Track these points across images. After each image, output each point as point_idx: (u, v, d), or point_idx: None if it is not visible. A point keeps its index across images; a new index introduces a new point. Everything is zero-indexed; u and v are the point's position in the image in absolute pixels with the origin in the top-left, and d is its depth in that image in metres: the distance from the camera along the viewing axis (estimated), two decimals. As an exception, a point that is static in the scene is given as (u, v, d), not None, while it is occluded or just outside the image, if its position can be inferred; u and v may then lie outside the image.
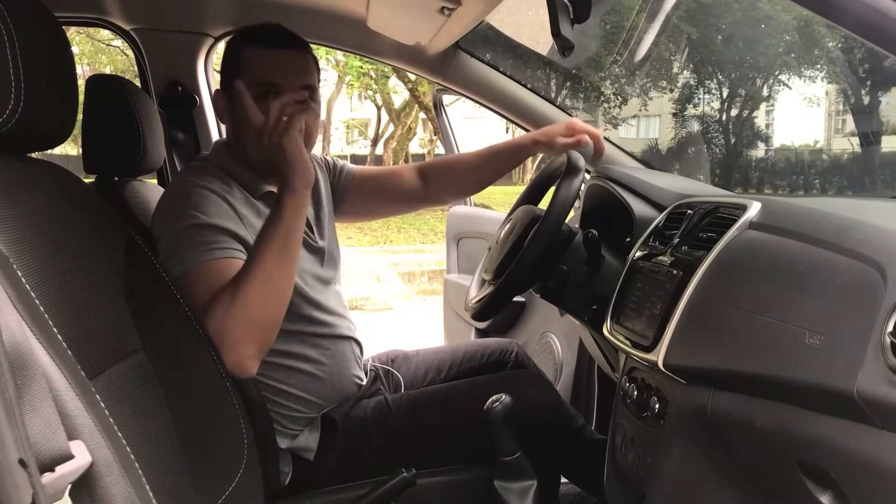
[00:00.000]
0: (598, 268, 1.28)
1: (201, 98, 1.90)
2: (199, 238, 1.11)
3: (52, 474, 0.53)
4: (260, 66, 1.21)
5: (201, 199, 1.15)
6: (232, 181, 1.23)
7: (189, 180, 1.18)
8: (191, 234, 1.11)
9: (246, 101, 1.16)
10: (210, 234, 1.12)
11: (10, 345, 0.52)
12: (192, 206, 1.13)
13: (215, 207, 1.15)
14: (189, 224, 1.12)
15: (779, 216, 0.91)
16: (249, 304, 1.04)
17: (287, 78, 1.21)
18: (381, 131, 17.49)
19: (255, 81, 1.19)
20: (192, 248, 1.10)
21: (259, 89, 1.19)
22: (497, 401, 1.16)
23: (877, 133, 6.44)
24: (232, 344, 1.04)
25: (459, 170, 1.59)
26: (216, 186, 1.18)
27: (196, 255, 1.09)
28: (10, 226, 0.73)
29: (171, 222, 1.13)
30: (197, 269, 1.09)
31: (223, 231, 1.13)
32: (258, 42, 1.22)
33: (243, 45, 1.23)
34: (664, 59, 9.77)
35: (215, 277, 1.08)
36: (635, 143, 12.87)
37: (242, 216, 1.19)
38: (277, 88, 1.19)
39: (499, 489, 1.18)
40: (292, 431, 1.25)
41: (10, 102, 0.77)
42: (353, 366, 1.34)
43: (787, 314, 0.77)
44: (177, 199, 1.17)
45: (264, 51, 1.21)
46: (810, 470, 0.73)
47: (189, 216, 1.12)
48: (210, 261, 1.10)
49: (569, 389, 1.84)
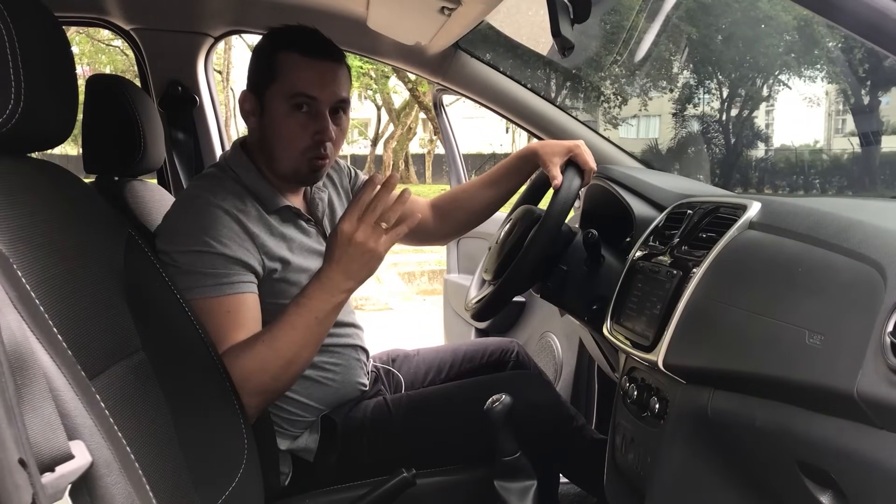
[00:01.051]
0: (598, 268, 1.28)
1: (201, 98, 1.90)
2: (211, 269, 1.09)
3: (52, 474, 0.53)
4: (297, 76, 1.16)
5: (214, 223, 1.11)
6: (247, 196, 1.19)
7: (203, 197, 1.14)
8: (202, 261, 1.09)
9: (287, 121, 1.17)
10: (222, 265, 1.10)
11: (10, 345, 0.52)
12: (204, 231, 1.10)
13: (227, 231, 1.12)
14: (200, 250, 1.09)
15: (779, 216, 0.91)
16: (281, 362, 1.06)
17: (324, 91, 1.17)
18: (381, 131, 17.49)
19: (292, 91, 1.16)
20: (203, 278, 1.08)
21: (295, 100, 1.16)
22: (497, 401, 1.16)
23: (877, 133, 6.44)
24: (251, 397, 1.05)
25: (472, 199, 1.53)
26: (230, 205, 1.14)
27: (207, 287, 1.08)
28: (10, 226, 0.73)
29: (182, 243, 1.10)
30: (208, 303, 1.08)
31: (235, 262, 1.11)
32: (295, 49, 1.17)
33: (278, 49, 1.18)
34: (664, 59, 9.77)
35: (226, 316, 1.08)
36: (635, 143, 12.86)
37: (254, 236, 1.15)
38: (313, 101, 1.17)
39: (499, 489, 1.18)
40: (293, 433, 1.25)
41: (10, 102, 0.77)
42: (358, 373, 1.34)
43: (786, 314, 0.77)
44: (189, 216, 1.13)
45: (302, 59, 1.17)
46: (810, 470, 0.73)
47: (201, 242, 1.09)
48: (221, 297, 1.08)
49: (569, 389, 1.84)
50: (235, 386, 1.04)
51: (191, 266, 1.09)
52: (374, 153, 17.92)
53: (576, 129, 1.80)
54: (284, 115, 1.17)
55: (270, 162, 1.22)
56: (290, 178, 1.24)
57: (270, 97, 1.18)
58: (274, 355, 1.05)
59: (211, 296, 1.08)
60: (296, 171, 1.21)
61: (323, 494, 1.24)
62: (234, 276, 1.11)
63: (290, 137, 1.18)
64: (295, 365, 1.08)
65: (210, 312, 1.08)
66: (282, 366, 1.06)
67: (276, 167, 1.22)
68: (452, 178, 2.58)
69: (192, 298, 1.07)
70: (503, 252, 1.35)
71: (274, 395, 1.11)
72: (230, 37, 1.98)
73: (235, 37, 1.85)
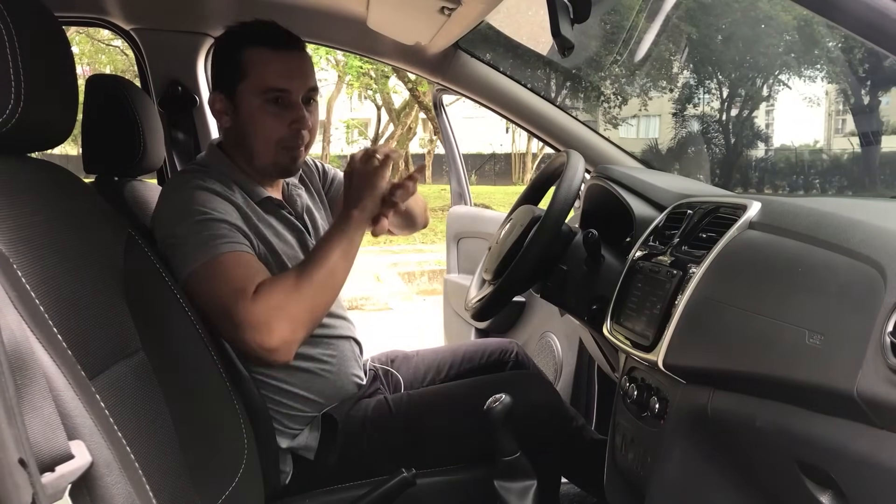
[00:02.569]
0: (598, 268, 1.28)
1: (201, 98, 1.90)
2: (211, 231, 1.10)
3: (52, 474, 0.53)
4: (267, 71, 1.18)
5: (206, 198, 1.14)
6: (233, 184, 1.22)
7: (191, 181, 1.17)
8: (201, 227, 1.10)
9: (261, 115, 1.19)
10: (222, 227, 1.12)
11: (10, 345, 0.52)
12: (199, 203, 1.13)
13: (220, 205, 1.15)
14: (199, 219, 1.11)
15: (779, 216, 0.91)
16: (313, 290, 1.07)
17: (294, 81, 1.20)
18: (381, 131, 17.48)
19: (264, 87, 1.18)
20: (205, 242, 1.09)
21: (268, 95, 1.18)
22: (497, 401, 1.16)
23: (877, 133, 6.44)
24: (285, 324, 1.03)
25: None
26: (218, 188, 1.18)
27: (212, 248, 1.09)
28: (10, 226, 0.73)
29: (179, 219, 1.12)
30: (222, 261, 1.08)
31: (232, 225, 1.13)
32: (261, 43, 1.19)
33: (243, 45, 1.20)
34: (664, 59, 9.77)
35: (235, 270, 1.08)
36: (635, 143, 12.87)
37: (246, 217, 1.19)
38: (286, 93, 1.19)
39: (499, 489, 1.18)
40: (292, 431, 1.25)
41: (10, 102, 0.77)
42: (353, 365, 1.34)
43: (786, 314, 0.77)
44: (181, 197, 1.15)
45: (269, 53, 1.19)
46: (810, 470, 0.73)
47: (198, 212, 1.11)
48: (227, 253, 1.09)
49: (569, 389, 1.84)
50: (263, 322, 1.02)
51: (196, 234, 1.09)
52: (374, 153, 17.88)
53: (576, 129, 1.80)
54: (259, 109, 1.19)
55: (250, 158, 1.24)
56: (270, 171, 1.26)
57: (242, 94, 1.20)
58: (309, 283, 1.07)
59: (218, 253, 1.08)
60: (276, 162, 1.24)
61: (323, 494, 1.24)
62: (235, 237, 1.12)
63: (267, 131, 1.20)
64: (323, 296, 1.09)
65: (220, 270, 1.07)
66: (312, 295, 1.07)
67: (255, 162, 1.24)
68: (452, 178, 2.58)
69: (199, 264, 1.07)
70: (503, 252, 1.35)
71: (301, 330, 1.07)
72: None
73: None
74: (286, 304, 1.04)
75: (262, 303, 1.03)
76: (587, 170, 1.63)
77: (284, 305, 1.04)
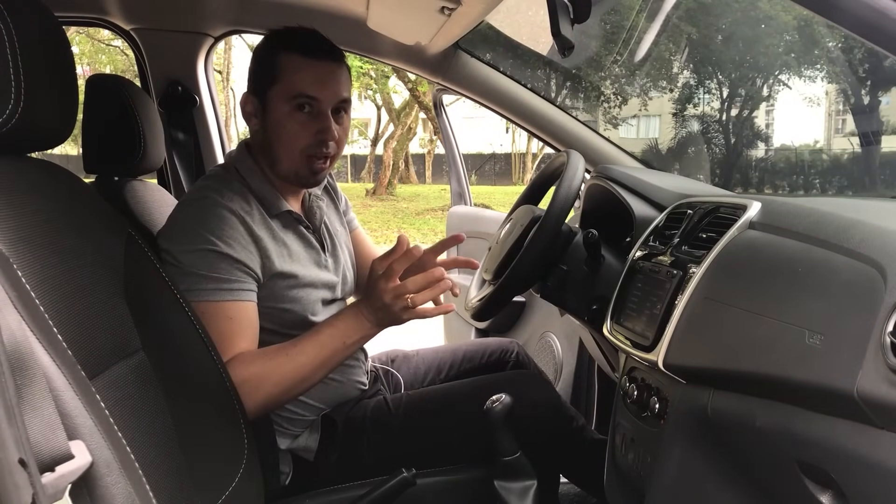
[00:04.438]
0: (598, 268, 1.28)
1: (201, 98, 1.90)
2: (214, 272, 1.10)
3: (52, 474, 0.53)
4: (299, 78, 1.17)
5: (220, 223, 1.12)
6: (252, 198, 1.20)
7: (210, 197, 1.15)
8: (206, 262, 1.10)
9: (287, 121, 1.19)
10: (225, 268, 1.11)
11: (10, 345, 0.52)
12: (210, 231, 1.11)
13: (232, 232, 1.13)
14: (205, 249, 1.10)
15: (779, 216, 0.91)
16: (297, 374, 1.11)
17: (325, 91, 1.18)
18: (381, 131, 17.49)
19: (293, 92, 1.17)
20: (205, 281, 1.09)
21: (297, 101, 1.17)
22: (497, 401, 1.16)
23: (877, 133, 6.44)
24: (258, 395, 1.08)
25: None
26: (236, 206, 1.15)
27: (209, 291, 1.09)
28: (10, 226, 0.73)
29: (187, 242, 1.11)
30: (210, 307, 1.09)
31: (238, 265, 1.12)
32: (296, 50, 1.18)
33: (279, 50, 1.19)
34: (664, 59, 9.77)
35: (228, 322, 1.10)
36: (635, 143, 12.88)
37: (258, 240, 1.16)
38: (315, 101, 1.18)
39: (499, 489, 1.18)
40: (293, 432, 1.25)
41: (10, 102, 0.77)
42: (357, 372, 1.34)
43: (786, 314, 0.77)
44: (195, 215, 1.14)
45: (303, 60, 1.18)
46: (810, 470, 0.73)
47: (206, 241, 1.10)
48: (223, 302, 1.10)
49: (569, 389, 1.84)
50: (239, 392, 1.05)
51: (193, 267, 1.09)
52: (374, 153, 17.93)
53: (576, 129, 1.80)
54: (286, 115, 1.18)
55: (272, 163, 1.22)
56: (290, 179, 1.24)
57: (272, 98, 1.19)
58: (294, 369, 1.11)
59: (213, 300, 1.09)
60: (297, 171, 1.22)
61: (323, 494, 1.24)
62: (236, 281, 1.12)
63: (291, 137, 1.18)
64: (308, 382, 1.13)
65: (211, 316, 1.08)
66: (298, 380, 1.11)
67: (277, 168, 1.22)
68: (452, 178, 2.58)
69: (194, 301, 1.07)
70: (503, 252, 1.35)
71: (276, 406, 1.14)
72: (230, 37, 1.98)
73: (235, 37, 1.84)
74: (261, 387, 1.08)
75: (242, 370, 1.07)
76: (587, 170, 1.63)
77: (258, 388, 1.08)
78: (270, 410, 1.14)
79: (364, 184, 17.70)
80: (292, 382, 1.11)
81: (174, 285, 1.05)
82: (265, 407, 1.10)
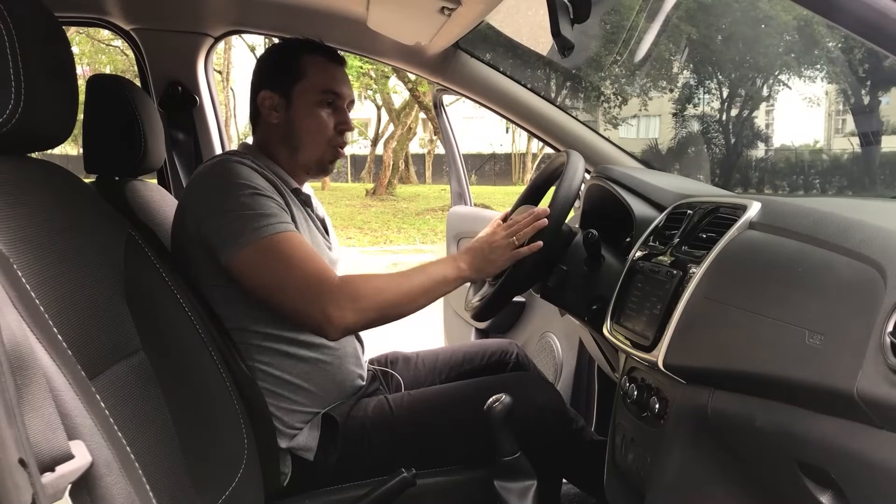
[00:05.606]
0: (598, 268, 1.28)
1: (201, 98, 1.90)
2: (265, 209, 1.15)
3: (53, 474, 0.53)
4: (327, 76, 1.33)
5: (251, 174, 1.20)
6: (267, 170, 1.28)
7: (230, 160, 1.22)
8: (254, 202, 1.15)
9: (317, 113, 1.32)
10: (273, 206, 1.17)
11: (10, 345, 0.52)
12: (245, 178, 1.18)
13: (263, 183, 1.20)
14: (250, 192, 1.16)
15: (779, 216, 0.91)
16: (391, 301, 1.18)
17: (346, 89, 1.36)
18: (381, 131, 17.49)
19: (321, 88, 1.32)
20: (257, 220, 1.14)
21: (323, 96, 1.32)
22: (497, 401, 1.16)
23: (877, 133, 6.44)
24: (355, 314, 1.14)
25: None
26: (257, 167, 1.24)
27: (271, 225, 1.14)
28: (10, 226, 0.73)
29: (227, 193, 1.16)
30: (280, 239, 1.14)
31: (279, 204, 1.19)
32: (318, 53, 1.34)
33: (302, 52, 1.33)
34: (664, 59, 9.78)
35: (303, 248, 1.15)
36: (635, 143, 12.89)
37: (283, 197, 1.24)
38: (337, 97, 1.34)
39: (499, 489, 1.18)
40: (292, 430, 1.25)
41: (10, 102, 0.77)
42: (352, 361, 1.35)
43: (787, 314, 0.77)
44: (223, 173, 1.20)
45: (326, 62, 1.34)
46: (810, 470, 0.73)
47: (246, 186, 1.17)
48: (287, 233, 1.15)
49: (569, 389, 1.83)
50: (341, 301, 1.12)
51: (251, 209, 1.14)
52: (374, 153, 17.93)
53: (576, 129, 1.80)
54: (315, 106, 1.32)
55: (295, 151, 1.33)
56: (311, 166, 1.35)
57: (299, 93, 1.32)
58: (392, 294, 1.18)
59: (284, 231, 1.15)
60: (320, 158, 1.35)
61: (323, 494, 1.24)
62: (288, 219, 1.19)
63: (318, 128, 1.32)
64: (394, 311, 1.19)
65: (293, 247, 1.14)
66: (388, 304, 1.17)
67: (300, 156, 1.33)
68: (452, 178, 2.58)
69: (269, 235, 1.13)
70: (503, 252, 1.35)
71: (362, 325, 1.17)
72: (230, 37, 1.97)
73: (235, 37, 1.85)
74: (365, 297, 1.15)
75: (347, 287, 1.14)
76: (587, 170, 1.63)
77: (362, 297, 1.15)
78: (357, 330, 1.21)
79: (364, 184, 17.71)
80: (399, 297, 1.18)
81: (174, 285, 1.05)
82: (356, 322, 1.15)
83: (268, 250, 1.13)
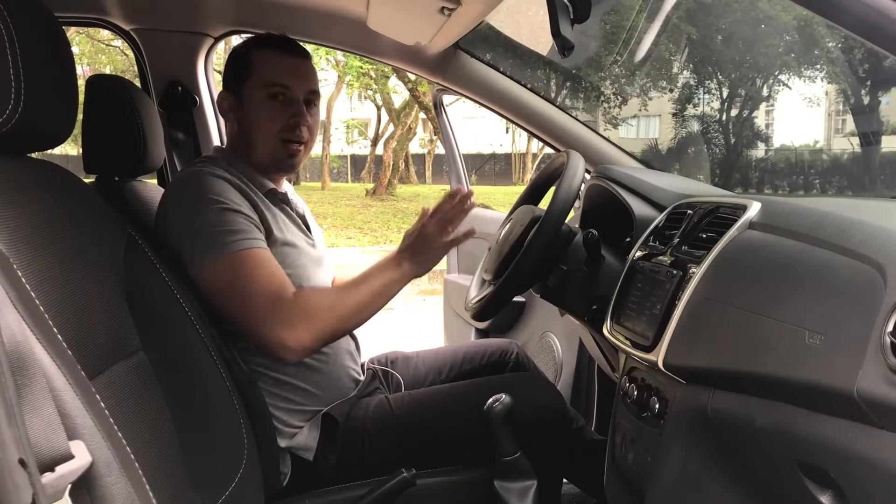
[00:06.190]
0: (598, 268, 1.28)
1: (201, 98, 1.90)
2: (231, 226, 1.14)
3: (52, 474, 0.53)
4: (271, 69, 1.28)
5: (221, 187, 1.19)
6: (240, 176, 1.26)
7: (202, 172, 1.21)
8: (221, 219, 1.14)
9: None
10: (240, 221, 1.16)
11: (10, 345, 0.52)
12: (215, 192, 1.17)
13: (233, 195, 1.19)
14: (217, 208, 1.15)
15: (779, 216, 0.91)
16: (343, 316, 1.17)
17: (295, 80, 1.29)
18: (381, 131, 17.49)
19: (266, 82, 1.27)
20: (227, 235, 1.13)
21: (270, 90, 1.27)
22: (497, 401, 1.16)
23: (877, 133, 6.44)
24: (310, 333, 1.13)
25: None
26: (228, 177, 1.22)
27: (234, 242, 1.13)
28: (10, 226, 0.73)
29: (198, 208, 1.15)
30: (239, 257, 1.13)
31: (248, 218, 1.18)
32: (267, 46, 1.29)
33: (252, 48, 1.30)
34: (664, 59, 9.78)
35: (261, 269, 1.14)
36: (635, 143, 12.89)
37: (255, 204, 1.23)
38: (287, 90, 1.28)
39: (499, 489, 1.18)
40: (292, 430, 1.25)
41: (10, 102, 0.77)
42: (348, 358, 1.35)
43: (787, 314, 0.77)
44: (195, 187, 1.19)
45: (274, 54, 1.29)
46: (810, 470, 0.73)
47: (215, 201, 1.16)
48: (249, 250, 1.14)
49: (569, 389, 1.83)
50: (292, 323, 1.11)
51: (217, 226, 1.14)
52: (374, 153, 17.93)
53: (576, 129, 1.80)
54: (261, 102, 1.28)
55: (250, 152, 1.30)
56: (267, 164, 1.31)
57: (247, 91, 1.29)
58: (342, 308, 1.17)
59: (246, 248, 1.14)
60: (273, 154, 1.30)
61: (323, 494, 1.24)
62: (257, 234, 1.18)
63: (267, 122, 1.28)
64: (348, 324, 1.19)
65: (251, 265, 1.13)
66: (341, 319, 1.17)
67: (255, 155, 1.30)
68: (452, 178, 2.58)
69: (230, 253, 1.12)
70: (503, 252, 1.35)
71: (319, 343, 1.17)
72: (230, 37, 1.97)
73: (235, 37, 1.85)
74: (317, 316, 1.13)
75: (299, 307, 1.12)
76: (587, 170, 1.63)
77: (315, 317, 1.13)
78: (314, 349, 1.18)
79: (364, 184, 17.71)
80: (347, 311, 1.17)
81: (173, 285, 1.05)
82: (313, 342, 1.14)
83: (232, 265, 1.12)
